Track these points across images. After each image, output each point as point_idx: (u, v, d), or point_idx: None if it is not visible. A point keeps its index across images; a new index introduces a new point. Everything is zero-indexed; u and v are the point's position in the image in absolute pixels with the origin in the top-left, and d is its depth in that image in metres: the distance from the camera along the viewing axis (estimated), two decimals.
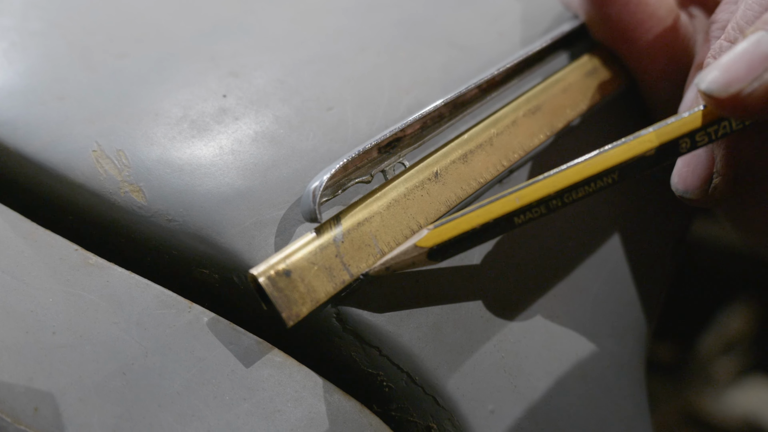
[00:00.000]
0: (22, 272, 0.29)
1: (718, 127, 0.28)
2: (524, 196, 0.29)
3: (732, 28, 0.30)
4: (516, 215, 0.29)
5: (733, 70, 0.26)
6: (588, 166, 0.29)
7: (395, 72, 0.36)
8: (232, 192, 0.31)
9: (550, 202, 0.29)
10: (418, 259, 0.29)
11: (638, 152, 0.28)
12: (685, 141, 0.28)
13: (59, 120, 0.33)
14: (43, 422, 0.26)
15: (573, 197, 0.29)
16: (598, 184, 0.29)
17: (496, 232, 0.30)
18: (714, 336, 0.79)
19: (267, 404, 0.28)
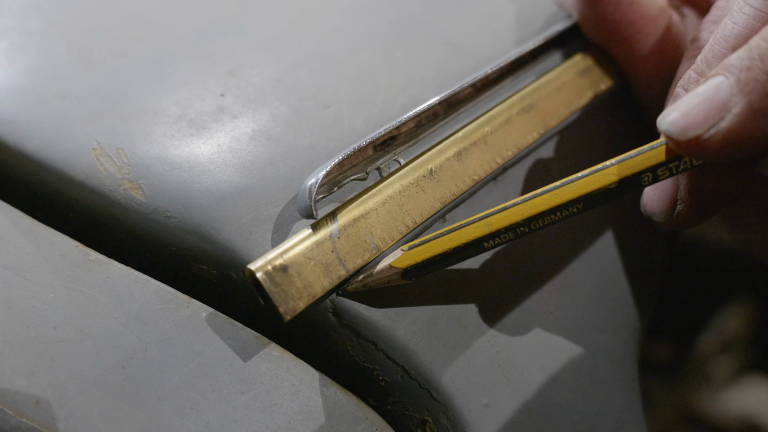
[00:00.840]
0: (24, 268, 0.30)
1: (679, 163, 0.29)
2: (493, 223, 0.30)
3: (701, 60, 0.31)
4: (485, 240, 0.30)
5: (692, 115, 0.27)
6: (554, 196, 0.30)
7: (391, 71, 0.37)
8: (230, 189, 0.31)
9: (518, 229, 0.30)
10: (392, 278, 0.30)
11: (602, 185, 0.29)
12: (647, 175, 0.29)
13: (59, 118, 0.33)
14: (44, 415, 0.26)
15: (539, 224, 0.30)
16: (563, 213, 0.30)
17: (467, 255, 0.31)
18: (711, 335, 0.79)
19: (264, 397, 0.29)
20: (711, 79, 0.27)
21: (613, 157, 0.29)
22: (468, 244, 0.30)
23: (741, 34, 0.29)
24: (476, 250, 0.31)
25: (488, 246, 0.30)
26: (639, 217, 0.39)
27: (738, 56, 0.27)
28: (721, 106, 0.27)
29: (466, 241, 0.30)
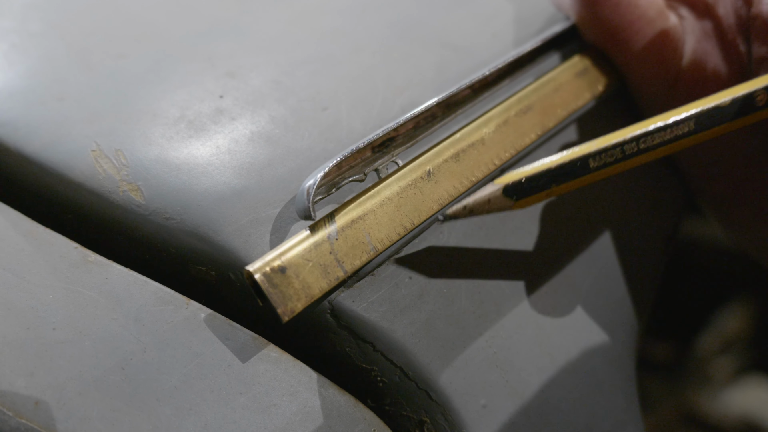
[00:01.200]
0: (23, 269, 0.30)
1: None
2: (601, 141, 0.30)
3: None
4: (592, 156, 0.30)
5: None
6: (665, 116, 0.29)
7: (389, 72, 0.37)
8: (229, 191, 0.31)
9: (625, 146, 0.29)
10: (494, 196, 0.30)
11: (714, 102, 0.29)
12: (761, 94, 0.29)
13: (59, 120, 0.33)
14: (43, 416, 0.26)
15: (648, 143, 0.29)
16: (674, 132, 0.29)
17: (572, 175, 0.30)
18: (712, 335, 0.78)
19: (263, 398, 0.29)
20: None
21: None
22: (574, 161, 0.30)
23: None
24: (582, 169, 0.30)
25: (594, 165, 0.30)
26: (637, 218, 0.39)
27: None
28: None
29: (572, 157, 0.30)
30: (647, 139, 0.29)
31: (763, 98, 0.29)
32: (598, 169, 0.30)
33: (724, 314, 0.79)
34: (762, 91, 0.29)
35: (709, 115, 0.29)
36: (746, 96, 0.29)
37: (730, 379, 0.77)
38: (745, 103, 0.29)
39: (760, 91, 0.29)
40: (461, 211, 0.30)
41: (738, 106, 0.29)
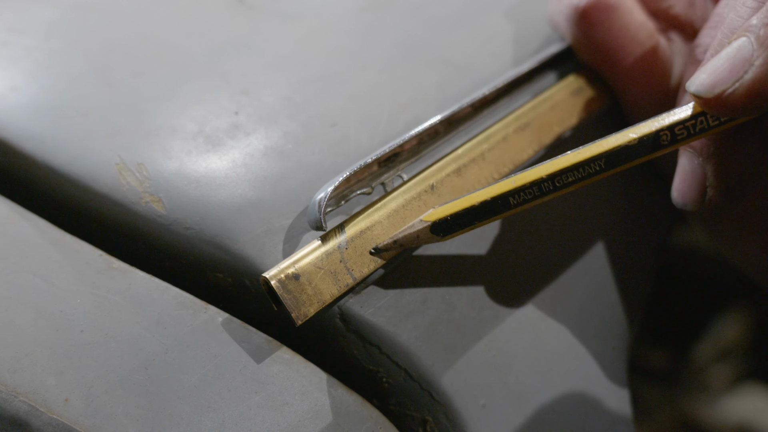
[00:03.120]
0: (52, 276, 0.31)
1: (696, 122, 0.31)
2: (519, 179, 0.32)
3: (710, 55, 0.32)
4: (511, 195, 0.32)
5: (717, 73, 0.30)
6: (577, 154, 0.31)
7: (394, 90, 0.38)
8: (245, 202, 0.33)
9: (543, 185, 0.31)
10: (422, 233, 0.32)
11: (622, 142, 0.31)
12: (665, 133, 0.31)
13: (83, 135, 0.35)
14: (73, 412, 0.28)
15: (563, 181, 0.31)
16: (586, 170, 0.31)
17: (494, 212, 0.32)
18: (709, 343, 0.79)
19: (276, 397, 0.30)
20: (733, 41, 0.30)
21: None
22: (495, 198, 0.31)
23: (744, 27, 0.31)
24: (503, 206, 0.32)
25: (514, 202, 0.32)
26: (628, 228, 0.41)
27: (756, 17, 0.29)
28: (744, 61, 0.29)
29: (492, 195, 0.31)
30: (562, 178, 0.31)
31: (667, 137, 0.31)
32: (518, 206, 0.32)
33: (722, 322, 0.80)
34: (665, 130, 0.31)
35: (619, 153, 0.31)
36: (652, 135, 0.31)
37: (727, 387, 0.77)
38: (652, 141, 0.31)
39: (663, 130, 0.31)
40: (392, 245, 0.32)
41: (645, 145, 0.31)
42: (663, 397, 0.78)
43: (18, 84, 0.38)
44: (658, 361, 0.80)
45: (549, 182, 0.31)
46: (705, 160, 0.34)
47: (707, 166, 0.34)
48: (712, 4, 0.39)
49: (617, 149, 0.31)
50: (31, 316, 0.30)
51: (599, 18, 0.37)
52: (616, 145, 0.31)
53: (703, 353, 0.79)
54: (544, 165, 0.32)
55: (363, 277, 0.32)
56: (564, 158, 0.31)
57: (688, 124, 0.31)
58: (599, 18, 0.37)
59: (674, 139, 0.31)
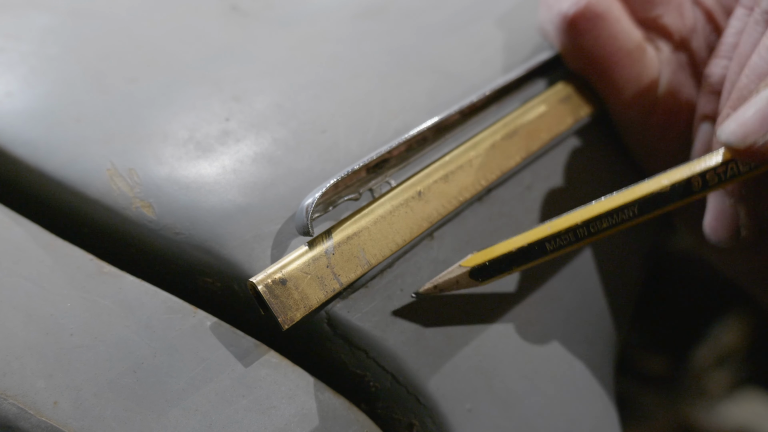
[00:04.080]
0: (43, 279, 0.32)
1: (726, 168, 0.32)
2: (555, 225, 0.33)
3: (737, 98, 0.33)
4: (547, 241, 0.33)
5: (749, 124, 0.31)
6: (611, 200, 0.32)
7: (385, 97, 0.39)
8: (234, 208, 0.33)
9: (578, 230, 0.33)
10: (461, 278, 0.33)
11: (655, 189, 0.32)
12: (697, 180, 0.32)
13: (76, 140, 0.36)
14: (61, 414, 0.28)
15: (598, 227, 0.33)
16: (620, 216, 0.32)
17: (531, 258, 0.33)
18: (707, 349, 0.78)
19: (264, 401, 0.31)
20: (763, 91, 0.31)
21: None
22: (531, 245, 0.33)
23: None
24: (539, 252, 0.33)
25: (550, 248, 0.33)
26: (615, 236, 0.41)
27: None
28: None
29: (529, 241, 0.33)
30: (596, 224, 0.32)
31: (698, 183, 0.32)
32: (554, 251, 0.33)
33: (720, 328, 0.79)
34: (697, 177, 0.32)
35: (652, 200, 0.32)
36: (684, 182, 0.32)
37: (726, 393, 0.77)
38: (684, 188, 0.32)
39: (695, 177, 0.32)
40: (432, 290, 0.33)
41: (677, 191, 0.32)
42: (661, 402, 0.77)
43: (13, 90, 0.38)
44: (656, 366, 0.80)
45: (584, 228, 0.32)
46: (737, 201, 0.35)
47: (740, 207, 0.35)
48: (702, 15, 0.39)
49: (650, 196, 0.32)
50: (21, 319, 0.30)
51: (587, 26, 0.38)
52: (649, 192, 0.32)
53: (701, 358, 0.78)
54: (579, 211, 0.33)
55: (350, 282, 0.32)
56: (598, 205, 0.32)
57: (719, 171, 0.32)
58: (587, 26, 0.38)
59: (705, 185, 0.32)
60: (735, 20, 0.36)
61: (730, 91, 0.34)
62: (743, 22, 0.35)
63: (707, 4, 0.39)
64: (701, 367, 0.78)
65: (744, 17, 0.36)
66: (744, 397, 0.77)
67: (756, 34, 0.33)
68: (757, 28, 0.33)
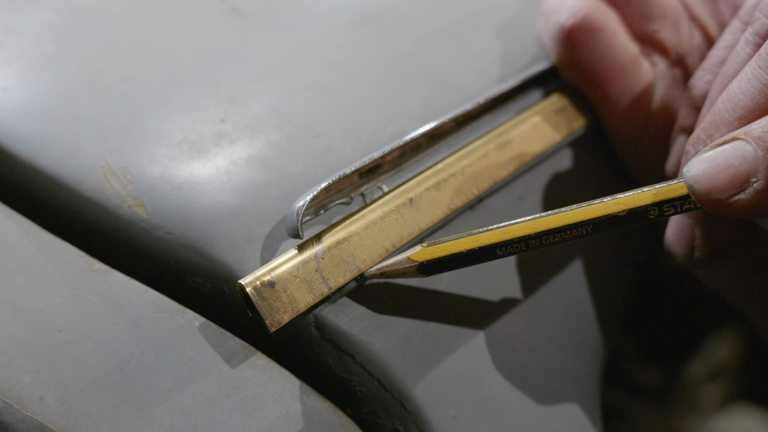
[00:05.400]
0: (33, 275, 0.32)
1: (684, 202, 0.32)
2: (508, 232, 0.33)
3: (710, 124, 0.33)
4: (498, 247, 0.33)
5: (717, 180, 0.30)
6: (566, 216, 0.32)
7: (380, 104, 0.39)
8: (226, 209, 0.34)
9: (530, 241, 0.33)
10: (408, 270, 0.33)
11: (612, 211, 0.32)
12: (653, 209, 0.32)
13: (71, 137, 0.36)
14: (47, 410, 0.29)
15: (549, 240, 0.33)
16: (572, 233, 0.32)
17: (479, 260, 0.33)
18: (701, 362, 0.78)
19: (249, 402, 0.31)
20: (737, 143, 0.30)
21: (626, 190, 0.32)
22: (482, 248, 0.33)
23: (747, 107, 0.31)
24: (489, 256, 0.33)
25: (500, 253, 0.33)
26: (606, 247, 0.41)
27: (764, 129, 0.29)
28: (745, 177, 0.30)
29: (481, 245, 0.33)
30: (549, 237, 0.32)
31: (654, 212, 0.32)
32: (503, 256, 0.33)
33: (714, 342, 0.79)
34: (654, 207, 0.32)
35: (606, 222, 0.32)
36: (641, 209, 0.32)
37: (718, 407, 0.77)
38: (640, 215, 0.32)
39: (653, 207, 0.32)
40: (377, 276, 0.33)
41: (633, 217, 0.32)
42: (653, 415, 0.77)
43: (10, 85, 0.38)
44: (648, 378, 0.80)
45: (536, 240, 0.33)
46: (694, 223, 0.35)
47: (696, 228, 0.35)
48: (698, 31, 0.40)
49: (605, 218, 0.32)
50: (10, 314, 0.30)
51: (583, 39, 0.38)
52: (605, 214, 0.32)
53: (694, 372, 0.78)
54: (534, 221, 0.33)
55: (338, 286, 0.32)
56: (553, 218, 0.32)
57: (676, 203, 0.32)
58: (583, 39, 0.38)
59: (661, 214, 0.32)
60: (728, 33, 0.36)
61: (708, 110, 0.34)
62: (736, 38, 0.35)
63: (704, 20, 0.39)
64: (694, 381, 0.78)
65: (737, 32, 0.36)
66: (736, 412, 0.77)
67: (744, 55, 0.33)
68: (745, 49, 0.33)
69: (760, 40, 0.33)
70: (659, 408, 0.77)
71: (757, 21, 0.33)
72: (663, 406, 0.77)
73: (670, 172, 0.39)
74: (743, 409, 0.77)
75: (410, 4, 0.46)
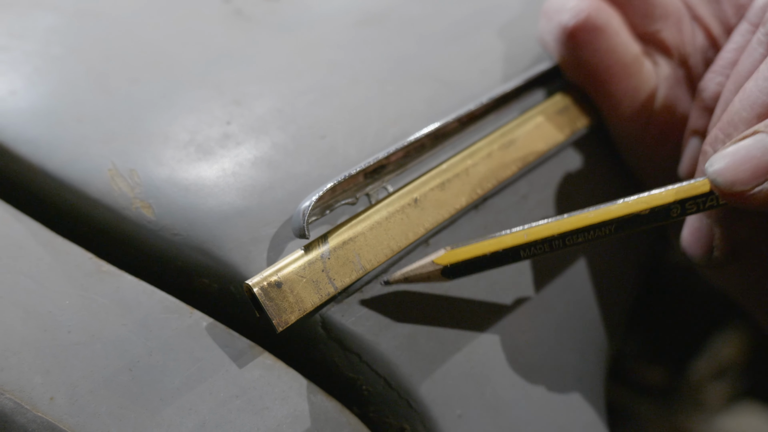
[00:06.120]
0: (42, 277, 0.32)
1: (706, 200, 0.32)
2: (532, 234, 0.33)
3: (728, 123, 0.33)
4: (522, 249, 0.33)
5: (740, 171, 0.30)
6: (589, 216, 0.33)
7: (384, 104, 0.39)
8: (232, 210, 0.34)
9: (554, 242, 0.33)
10: (433, 274, 0.33)
11: (634, 210, 0.32)
12: (676, 207, 0.32)
13: (78, 140, 0.36)
14: (57, 410, 0.29)
15: (573, 241, 0.33)
16: (596, 233, 0.33)
17: (503, 262, 0.33)
18: (706, 361, 0.78)
19: (257, 402, 0.31)
20: (759, 135, 0.30)
21: (631, 190, 0.33)
22: (506, 250, 0.33)
23: (766, 104, 0.32)
24: (513, 258, 0.33)
25: (524, 255, 0.33)
26: (610, 247, 0.41)
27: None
28: (766, 167, 0.30)
29: (505, 247, 0.33)
30: (572, 238, 0.33)
31: (677, 210, 0.32)
32: (527, 258, 0.33)
33: (718, 340, 0.79)
34: (677, 205, 0.32)
35: (629, 221, 0.32)
36: (664, 207, 0.32)
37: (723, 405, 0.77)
38: (663, 213, 0.32)
39: (675, 205, 0.32)
40: (402, 281, 0.33)
41: (655, 215, 0.32)
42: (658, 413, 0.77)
43: (17, 88, 0.39)
44: (653, 376, 0.80)
45: (559, 240, 0.33)
46: (713, 222, 0.35)
47: (715, 228, 0.35)
48: (701, 31, 0.40)
49: (628, 216, 0.32)
50: (20, 315, 0.31)
51: (586, 39, 0.38)
52: (628, 213, 0.32)
53: (699, 370, 0.78)
54: (557, 222, 0.33)
55: (344, 286, 0.32)
56: (576, 218, 0.33)
57: (698, 201, 0.32)
58: (586, 39, 0.38)
59: (683, 212, 0.32)
60: (737, 35, 0.37)
61: (722, 111, 0.34)
62: (746, 39, 0.36)
63: (706, 20, 0.40)
64: (699, 379, 0.78)
65: (747, 33, 0.36)
66: (741, 410, 0.77)
67: (757, 55, 0.33)
68: (758, 49, 0.33)
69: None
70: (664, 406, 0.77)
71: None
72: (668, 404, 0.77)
73: (684, 175, 0.39)
74: (748, 407, 0.77)
75: (413, 4, 0.46)
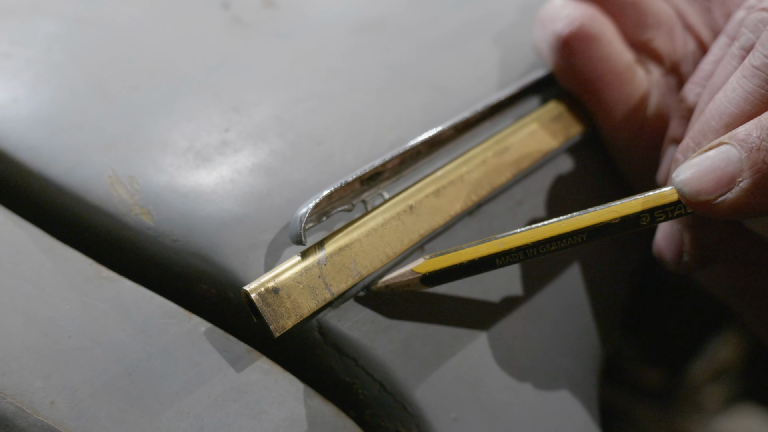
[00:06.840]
0: (43, 282, 0.33)
1: (675, 208, 0.33)
2: (506, 243, 0.34)
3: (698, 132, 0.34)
4: (498, 257, 0.34)
5: (704, 181, 0.31)
6: (562, 225, 0.33)
7: (381, 111, 0.40)
8: (230, 217, 0.34)
9: (528, 251, 0.34)
10: (412, 282, 0.34)
11: (605, 219, 0.33)
12: (645, 216, 0.33)
13: (78, 147, 0.36)
14: (58, 414, 0.29)
15: (547, 249, 0.34)
16: (569, 241, 0.33)
17: (480, 269, 0.34)
18: (703, 363, 0.78)
19: (254, 405, 0.31)
20: (723, 147, 0.31)
21: (620, 198, 0.33)
22: (483, 259, 0.34)
23: (733, 114, 0.32)
24: (489, 266, 0.34)
25: (500, 263, 0.34)
26: (603, 251, 0.42)
27: (747, 132, 0.30)
28: (731, 178, 0.31)
29: (481, 255, 0.34)
30: (546, 246, 0.33)
31: (647, 219, 0.33)
32: (502, 266, 0.34)
33: (716, 342, 0.79)
34: (646, 214, 0.33)
35: (600, 229, 0.33)
36: (634, 216, 0.33)
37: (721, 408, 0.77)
38: (633, 222, 0.33)
39: (644, 214, 0.33)
40: (383, 289, 0.34)
41: (626, 224, 0.33)
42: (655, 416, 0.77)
43: (19, 95, 0.39)
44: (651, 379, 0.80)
45: (534, 249, 0.34)
46: (683, 228, 0.36)
47: (685, 234, 0.36)
48: (693, 40, 0.40)
49: (599, 225, 0.33)
50: (21, 320, 0.31)
51: (580, 47, 0.39)
52: (599, 222, 0.33)
53: (697, 373, 0.79)
54: (531, 231, 0.34)
55: (341, 292, 0.33)
56: (549, 227, 0.33)
57: (667, 210, 0.33)
58: (580, 47, 0.39)
59: (653, 221, 0.33)
60: (716, 48, 0.37)
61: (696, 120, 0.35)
62: (723, 52, 0.36)
63: (698, 29, 0.40)
64: (697, 381, 0.78)
65: (725, 47, 0.37)
66: (739, 412, 0.77)
67: (730, 68, 0.34)
68: (732, 62, 0.34)
69: (745, 53, 0.34)
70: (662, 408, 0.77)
71: (743, 36, 0.34)
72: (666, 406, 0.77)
73: (662, 181, 0.40)
74: (746, 409, 0.77)
75: (410, 12, 0.46)
